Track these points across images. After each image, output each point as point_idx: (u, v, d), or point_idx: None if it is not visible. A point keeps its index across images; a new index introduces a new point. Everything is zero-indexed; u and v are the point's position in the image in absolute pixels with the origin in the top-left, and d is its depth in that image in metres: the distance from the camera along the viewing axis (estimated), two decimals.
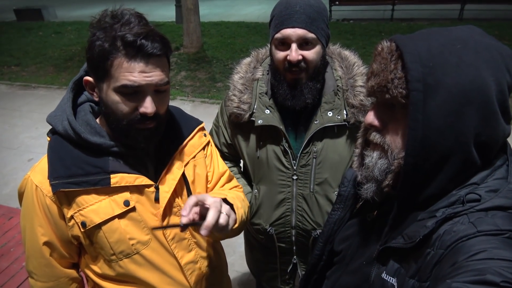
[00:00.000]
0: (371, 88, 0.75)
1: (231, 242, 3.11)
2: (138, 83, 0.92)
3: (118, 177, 1.03)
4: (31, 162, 4.58)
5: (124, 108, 0.95)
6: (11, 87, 7.43)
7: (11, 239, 3.15)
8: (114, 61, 0.91)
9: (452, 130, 0.66)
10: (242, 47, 8.31)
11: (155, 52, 0.92)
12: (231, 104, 1.42)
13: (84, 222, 1.03)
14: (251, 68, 1.47)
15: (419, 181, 0.72)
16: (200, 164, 1.25)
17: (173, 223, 1.14)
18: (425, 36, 0.71)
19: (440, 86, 0.65)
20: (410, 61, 0.67)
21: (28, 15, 13.47)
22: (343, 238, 1.02)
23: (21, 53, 9.37)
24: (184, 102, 6.20)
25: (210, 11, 13.49)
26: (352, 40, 8.27)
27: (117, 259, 1.09)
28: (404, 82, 0.69)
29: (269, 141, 1.42)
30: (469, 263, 0.59)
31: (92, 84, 1.01)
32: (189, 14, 7.70)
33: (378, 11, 10.82)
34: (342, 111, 1.36)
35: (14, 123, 5.71)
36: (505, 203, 0.66)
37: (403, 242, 0.73)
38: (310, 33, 1.23)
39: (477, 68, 0.66)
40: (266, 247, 1.63)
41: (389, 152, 0.75)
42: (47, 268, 1.10)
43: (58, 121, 1.03)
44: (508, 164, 0.72)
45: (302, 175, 1.42)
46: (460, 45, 0.68)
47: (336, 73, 1.41)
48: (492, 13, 9.60)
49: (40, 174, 1.02)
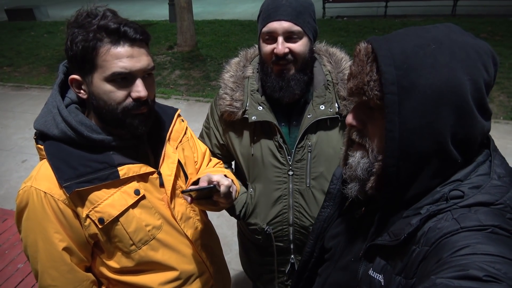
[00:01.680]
0: (350, 90, 0.77)
1: (227, 240, 3.12)
2: (128, 69, 0.96)
3: (125, 169, 1.06)
4: (25, 163, 4.55)
5: (117, 97, 0.98)
6: (4, 88, 7.37)
7: (5, 241, 3.12)
8: (100, 50, 0.94)
9: (429, 130, 0.67)
10: (236, 45, 8.29)
11: (138, 37, 0.97)
12: (223, 103, 1.43)
13: (101, 218, 1.05)
14: (240, 66, 1.48)
15: (401, 181, 0.73)
16: (186, 147, 1.33)
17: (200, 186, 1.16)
18: (401, 37, 0.72)
19: (415, 87, 0.66)
20: (384, 64, 0.68)
21: (19, 15, 13.33)
22: (333, 235, 1.03)
23: (13, 53, 9.28)
24: (179, 101, 6.18)
25: (203, 9, 13.44)
26: (346, 37, 8.28)
27: (137, 248, 1.13)
28: (379, 85, 0.70)
29: (263, 138, 1.43)
30: (453, 259, 0.60)
31: (78, 82, 1.02)
32: (183, 13, 7.66)
33: (372, 8, 10.85)
34: (334, 104, 1.38)
35: (7, 124, 5.67)
36: (487, 199, 0.67)
37: (389, 240, 0.74)
38: (296, 26, 1.26)
39: (451, 69, 0.66)
40: (262, 248, 1.62)
41: (370, 152, 0.77)
42: (70, 274, 1.08)
43: (51, 126, 1.03)
44: (490, 160, 0.74)
45: (298, 170, 1.43)
46: (435, 45, 0.68)
47: (325, 68, 1.43)
48: (485, 9, 9.66)
49: (45, 181, 1.01)
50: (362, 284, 0.80)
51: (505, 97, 5.37)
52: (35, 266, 1.07)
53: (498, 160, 0.74)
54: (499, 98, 5.37)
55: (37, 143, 1.07)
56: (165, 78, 7.04)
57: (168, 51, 8.06)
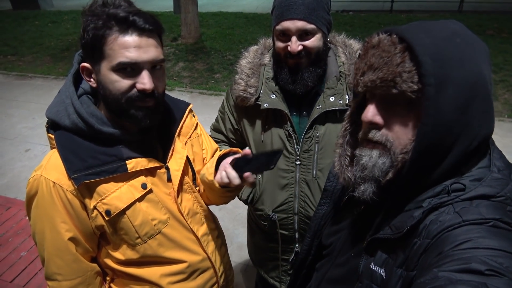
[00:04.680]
0: (372, 83, 0.71)
1: (229, 233, 3.14)
2: (134, 59, 0.94)
3: (134, 162, 1.07)
4: (28, 152, 4.57)
5: (121, 86, 0.97)
6: (7, 77, 7.37)
7: (9, 229, 3.16)
8: (108, 38, 0.93)
9: (460, 123, 0.67)
10: (240, 38, 8.24)
11: (148, 27, 0.95)
12: (237, 87, 1.45)
13: (108, 210, 1.05)
14: (258, 54, 1.50)
15: (420, 174, 0.72)
16: (195, 143, 1.32)
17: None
18: (423, 28, 0.70)
19: (449, 80, 0.65)
20: (422, 54, 0.65)
21: (24, 3, 13.28)
22: (331, 232, 1.03)
23: (17, 43, 9.27)
24: (182, 93, 6.17)
25: (208, 1, 13.35)
26: (351, 31, 8.19)
27: (142, 241, 1.14)
28: (415, 76, 0.66)
29: (274, 125, 1.45)
30: (455, 253, 0.61)
31: (89, 70, 1.01)
32: (187, 4, 7.61)
33: (378, 3, 10.74)
34: (345, 96, 1.38)
35: (11, 113, 5.68)
36: (488, 192, 0.67)
37: (391, 233, 0.74)
38: (310, 24, 1.24)
39: (477, 63, 0.67)
40: (268, 234, 1.64)
41: (392, 150, 0.73)
42: (74, 263, 1.10)
43: (63, 116, 1.03)
44: (490, 153, 0.74)
45: (305, 160, 1.44)
46: (459, 39, 0.68)
47: (339, 59, 1.43)
48: (492, 6, 9.56)
49: (54, 171, 1.02)
50: (363, 278, 0.81)
51: (510, 95, 5.33)
52: (42, 253, 1.09)
53: (497, 153, 0.75)
54: (504, 96, 5.33)
55: (48, 132, 1.07)
56: (169, 70, 7.01)
57: (172, 43, 8.03)
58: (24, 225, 3.20)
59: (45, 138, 4.82)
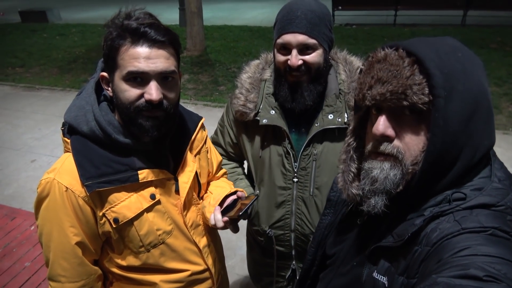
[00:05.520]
0: (381, 96, 0.71)
1: (232, 245, 3.12)
2: (142, 69, 0.96)
3: (145, 173, 1.09)
4: (33, 163, 4.60)
5: (130, 96, 0.99)
6: (15, 88, 7.48)
7: (13, 239, 3.16)
8: (120, 49, 0.96)
9: (464, 134, 0.69)
10: (245, 50, 8.34)
11: (159, 38, 0.96)
12: (237, 102, 1.44)
13: (116, 218, 1.07)
14: (259, 69, 1.49)
15: (427, 185, 0.73)
16: (203, 157, 1.34)
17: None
18: (427, 44, 0.72)
19: (455, 92, 0.67)
20: (432, 67, 0.67)
21: (33, 16, 13.56)
22: (335, 241, 1.03)
23: (26, 55, 9.43)
24: (187, 105, 6.22)
25: (213, 15, 13.54)
26: (354, 44, 8.29)
27: (145, 250, 1.15)
28: (425, 88, 0.68)
29: (272, 141, 1.44)
30: (454, 259, 0.62)
31: (106, 79, 1.04)
32: (193, 18, 7.74)
33: (381, 16, 10.85)
34: (343, 114, 1.36)
35: (17, 124, 5.74)
36: (489, 201, 0.68)
37: (393, 241, 0.75)
38: (311, 39, 1.24)
39: (478, 76, 0.70)
40: (265, 249, 1.64)
41: (404, 161, 0.73)
42: (80, 267, 1.11)
43: (82, 122, 1.04)
44: (491, 163, 0.76)
45: (302, 178, 1.43)
46: (460, 53, 0.71)
47: (339, 76, 1.42)
48: (495, 20, 9.61)
49: (68, 175, 1.03)
50: (366, 287, 0.81)
51: None
52: (47, 254, 1.10)
53: (497, 164, 0.76)
54: (508, 109, 5.32)
55: (64, 136, 1.08)
56: None
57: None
58: (29, 235, 3.21)
59: (50, 149, 4.87)
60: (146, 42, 0.96)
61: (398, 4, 10.16)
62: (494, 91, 5.68)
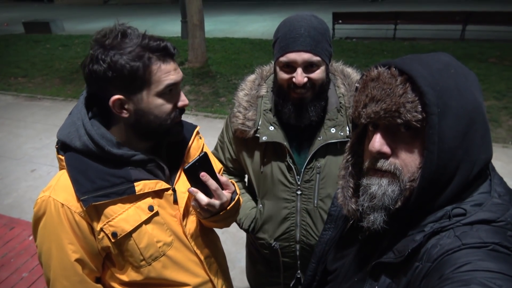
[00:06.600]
0: (376, 114, 0.73)
1: (232, 257, 3.09)
2: (176, 80, 1.04)
3: (141, 184, 1.08)
4: (33, 173, 4.60)
5: (167, 108, 1.05)
6: (17, 98, 7.52)
7: (11, 250, 3.14)
8: (151, 67, 0.99)
9: (461, 149, 0.69)
10: (246, 63, 8.41)
11: (175, 51, 1.05)
12: (236, 121, 1.44)
13: (115, 232, 1.06)
14: (255, 85, 1.48)
15: (425, 201, 0.73)
16: None
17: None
18: (419, 60, 0.73)
19: (449, 108, 0.68)
20: (424, 85, 0.68)
21: (36, 27, 13.71)
22: (336, 257, 1.02)
23: (28, 65, 9.50)
24: (188, 116, 6.24)
25: (215, 27, 13.69)
26: (354, 58, 8.36)
27: (147, 263, 1.14)
28: (418, 106, 0.69)
29: (273, 157, 1.43)
30: (455, 275, 0.61)
31: (122, 102, 1.01)
32: (195, 30, 7.83)
33: (381, 30, 10.97)
34: (345, 128, 1.37)
35: (19, 134, 5.76)
36: (489, 217, 0.68)
37: (394, 257, 0.75)
38: (315, 56, 1.24)
39: (471, 92, 0.71)
40: (270, 262, 1.63)
41: (401, 177, 0.74)
42: (80, 284, 1.09)
43: (74, 138, 1.04)
44: (490, 179, 0.76)
45: (306, 190, 1.43)
46: (453, 69, 0.72)
47: (338, 90, 1.42)
48: (494, 34, 9.70)
49: (63, 192, 1.03)
50: None
51: None
52: (47, 274, 1.08)
53: (497, 179, 0.76)
54: (508, 123, 5.34)
55: (58, 153, 1.08)
56: None
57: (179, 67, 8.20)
58: (27, 245, 3.19)
59: (51, 159, 4.87)
60: (169, 56, 1.03)
61: (398, 19, 10.28)
62: (493, 105, 5.71)
